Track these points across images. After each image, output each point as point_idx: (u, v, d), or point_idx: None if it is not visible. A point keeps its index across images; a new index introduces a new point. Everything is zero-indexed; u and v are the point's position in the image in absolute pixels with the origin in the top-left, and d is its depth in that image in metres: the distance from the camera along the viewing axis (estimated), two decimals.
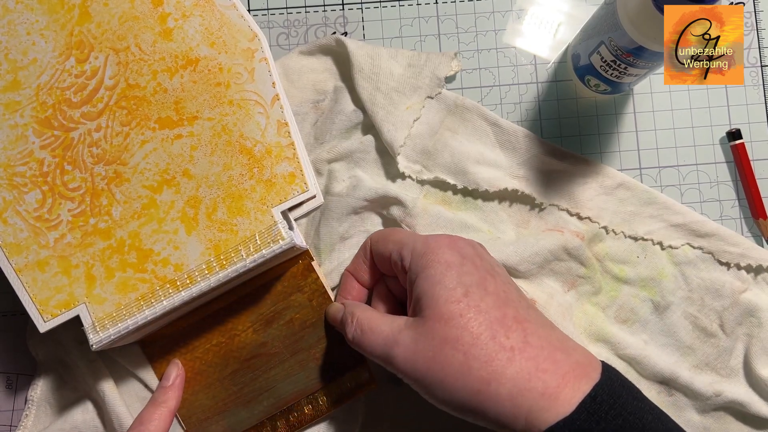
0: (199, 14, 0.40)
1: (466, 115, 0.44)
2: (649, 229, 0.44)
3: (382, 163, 0.44)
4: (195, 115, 0.40)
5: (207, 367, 0.42)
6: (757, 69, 0.46)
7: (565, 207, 0.44)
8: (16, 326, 0.44)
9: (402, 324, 0.34)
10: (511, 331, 0.32)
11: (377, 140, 0.44)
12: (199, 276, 0.39)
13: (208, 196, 0.40)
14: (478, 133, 0.44)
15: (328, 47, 0.45)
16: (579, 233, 0.43)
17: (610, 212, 0.44)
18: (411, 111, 0.43)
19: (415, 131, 0.43)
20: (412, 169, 0.44)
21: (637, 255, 0.44)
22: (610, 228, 0.44)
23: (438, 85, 0.44)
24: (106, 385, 0.42)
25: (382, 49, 0.44)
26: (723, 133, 0.46)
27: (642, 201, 0.44)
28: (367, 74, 0.43)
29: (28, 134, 0.40)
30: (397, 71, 0.44)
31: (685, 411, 0.43)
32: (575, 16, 0.46)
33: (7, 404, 0.44)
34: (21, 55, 0.40)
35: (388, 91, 0.43)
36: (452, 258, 0.34)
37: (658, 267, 0.43)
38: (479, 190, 0.43)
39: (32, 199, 0.39)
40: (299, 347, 0.43)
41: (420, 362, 0.32)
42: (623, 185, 0.44)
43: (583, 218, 0.44)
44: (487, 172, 0.43)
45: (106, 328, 0.38)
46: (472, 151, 0.44)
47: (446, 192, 0.44)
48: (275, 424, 0.42)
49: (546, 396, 0.30)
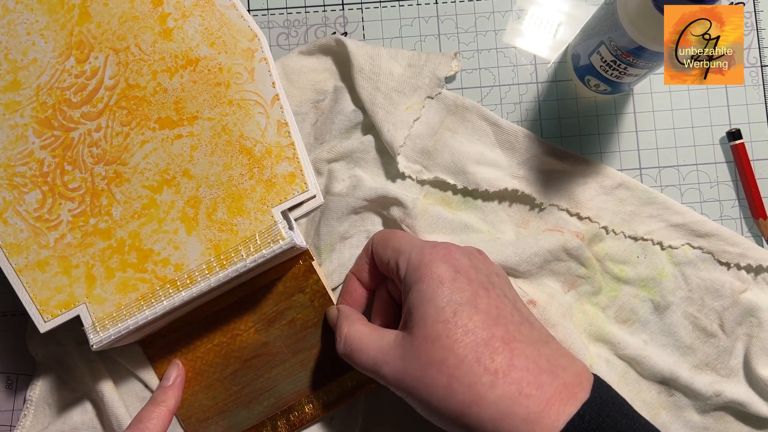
0: (199, 14, 0.40)
1: (466, 115, 0.44)
2: (649, 229, 0.44)
3: (382, 162, 0.44)
4: (195, 115, 0.40)
5: (208, 367, 0.42)
6: (757, 69, 0.46)
7: (565, 207, 0.44)
8: (16, 326, 0.44)
9: (391, 341, 0.34)
10: (497, 353, 0.31)
11: (377, 140, 0.44)
12: (199, 276, 0.39)
13: (208, 196, 0.40)
14: (478, 133, 0.44)
15: (328, 47, 0.45)
16: (579, 233, 0.43)
17: (610, 212, 0.44)
18: (411, 111, 0.43)
19: (415, 131, 0.43)
20: (412, 169, 0.44)
21: (636, 255, 0.44)
22: (610, 228, 0.44)
23: (438, 85, 0.44)
24: (105, 385, 0.42)
25: (382, 49, 0.44)
26: (723, 133, 0.46)
27: (642, 201, 0.44)
28: (367, 74, 0.43)
29: (28, 134, 0.40)
30: (397, 71, 0.44)
31: (685, 411, 0.43)
32: (575, 16, 0.46)
33: (7, 404, 0.44)
34: (21, 55, 0.40)
35: (388, 91, 0.43)
36: (445, 273, 0.34)
37: (658, 267, 0.43)
38: (479, 190, 0.43)
39: (32, 199, 0.39)
40: (300, 347, 0.43)
41: (407, 381, 0.33)
42: (623, 185, 0.44)
43: (583, 218, 0.44)
44: (487, 172, 0.43)
45: (106, 328, 0.38)
46: (472, 151, 0.44)
47: (446, 192, 0.44)
48: (276, 424, 0.42)
49: (528, 421, 0.30)
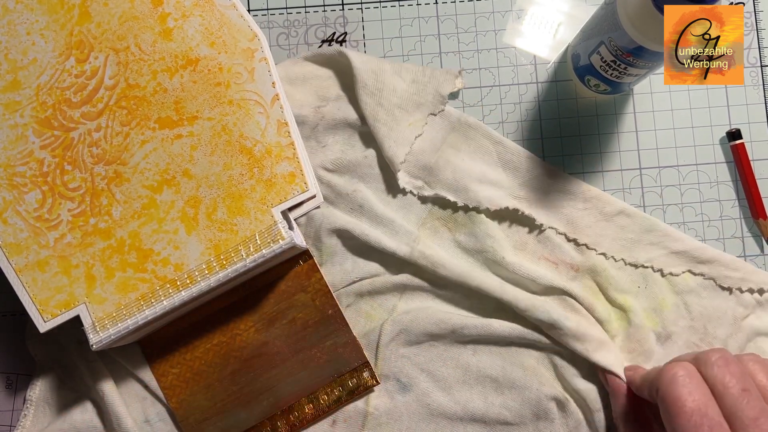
0: (199, 14, 0.40)
1: (470, 132, 0.44)
2: (650, 256, 0.43)
3: (384, 178, 0.44)
4: (195, 115, 0.40)
5: (207, 367, 0.42)
6: (757, 69, 0.46)
7: (563, 231, 0.44)
8: (16, 326, 0.44)
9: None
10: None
11: (380, 154, 0.44)
12: (199, 276, 0.39)
13: (208, 196, 0.40)
14: (481, 152, 0.44)
15: (333, 59, 0.45)
16: (574, 265, 0.43)
17: (609, 239, 0.44)
18: (413, 127, 0.43)
19: (418, 147, 0.44)
20: (414, 185, 0.44)
21: (638, 285, 0.44)
22: (609, 255, 0.43)
23: (441, 102, 0.44)
24: (105, 385, 0.42)
25: (386, 65, 0.44)
26: (723, 133, 0.46)
27: (642, 228, 0.44)
28: (370, 90, 0.43)
29: (28, 134, 0.40)
30: (400, 87, 0.44)
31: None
32: (575, 16, 0.46)
33: (7, 404, 0.44)
34: (21, 55, 0.40)
35: (391, 107, 0.43)
36: (693, 405, 0.32)
37: (659, 297, 0.43)
38: (480, 208, 0.43)
39: (32, 199, 0.39)
40: (301, 346, 0.43)
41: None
42: (623, 212, 0.44)
43: (581, 244, 0.44)
44: (489, 191, 0.43)
45: (106, 328, 0.38)
46: (475, 170, 0.44)
47: (446, 210, 0.44)
48: (276, 424, 0.42)
49: None
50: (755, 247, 0.45)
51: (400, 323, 0.43)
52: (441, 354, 0.43)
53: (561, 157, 0.46)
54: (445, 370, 0.43)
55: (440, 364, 0.43)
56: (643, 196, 0.46)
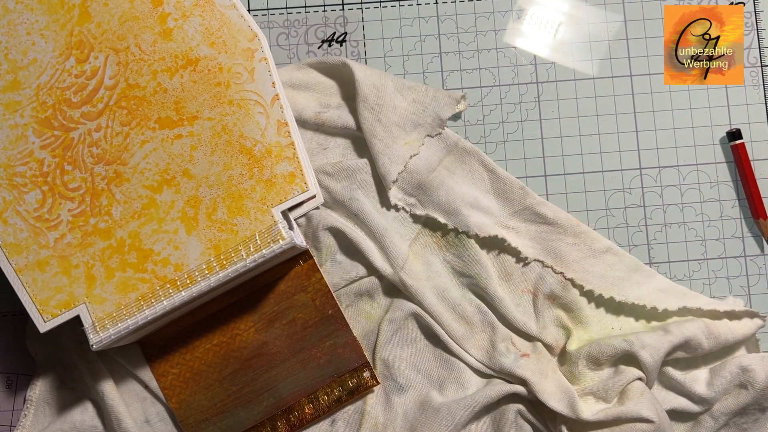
0: (199, 14, 0.40)
1: (465, 157, 0.45)
2: (639, 294, 0.43)
3: (378, 190, 0.44)
4: (195, 115, 0.40)
5: (207, 367, 0.42)
6: (757, 69, 0.46)
7: (550, 264, 0.44)
8: (16, 326, 0.44)
9: None
10: None
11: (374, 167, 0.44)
12: (199, 276, 0.39)
13: (208, 196, 0.40)
14: (474, 178, 0.45)
15: (337, 69, 0.45)
16: (552, 296, 0.43)
17: (597, 276, 0.44)
18: (409, 147, 0.44)
19: (413, 166, 0.44)
20: (407, 202, 0.44)
21: (611, 326, 0.44)
22: (597, 293, 0.43)
23: (439, 126, 0.44)
24: (105, 385, 0.42)
25: (389, 81, 0.44)
26: (723, 133, 0.46)
27: (629, 268, 0.44)
28: (370, 104, 0.43)
29: (28, 134, 0.39)
30: (401, 105, 0.44)
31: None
32: (575, 16, 0.46)
33: (7, 404, 0.44)
34: (21, 55, 0.40)
35: (389, 125, 0.43)
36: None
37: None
38: (469, 233, 0.43)
39: (32, 199, 0.39)
40: (301, 346, 0.43)
41: None
42: (611, 251, 0.44)
43: (567, 279, 0.43)
44: (479, 217, 0.44)
45: (106, 328, 0.38)
46: (468, 194, 0.44)
47: (436, 232, 0.44)
48: (276, 424, 0.42)
49: None
50: (755, 247, 0.46)
51: (396, 323, 0.43)
52: (438, 355, 0.43)
53: (561, 157, 0.46)
54: (441, 371, 0.43)
55: (437, 366, 0.43)
56: (643, 196, 0.46)
